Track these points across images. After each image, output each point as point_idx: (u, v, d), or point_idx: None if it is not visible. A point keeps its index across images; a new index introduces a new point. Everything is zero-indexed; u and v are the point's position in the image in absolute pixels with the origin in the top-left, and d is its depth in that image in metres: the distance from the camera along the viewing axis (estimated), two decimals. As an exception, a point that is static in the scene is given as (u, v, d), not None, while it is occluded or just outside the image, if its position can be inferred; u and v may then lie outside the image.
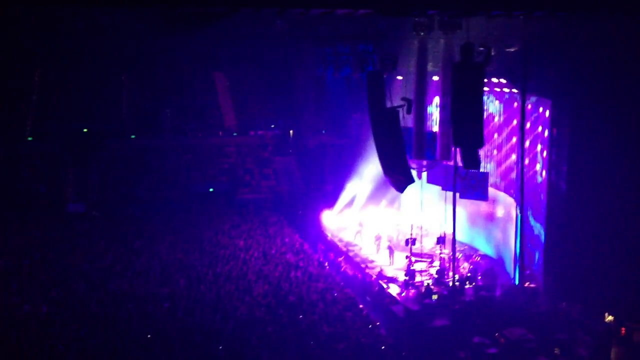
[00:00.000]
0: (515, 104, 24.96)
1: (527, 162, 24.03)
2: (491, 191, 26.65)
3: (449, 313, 21.91)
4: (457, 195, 25.02)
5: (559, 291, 22.25)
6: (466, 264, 26.26)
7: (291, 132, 40.16)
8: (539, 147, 23.76)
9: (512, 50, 23.14)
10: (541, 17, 19.43)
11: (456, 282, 23.66)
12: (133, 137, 37.79)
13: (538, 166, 23.80)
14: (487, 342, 19.87)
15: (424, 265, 26.05)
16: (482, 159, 22.23)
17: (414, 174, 22.38)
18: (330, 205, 32.82)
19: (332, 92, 37.69)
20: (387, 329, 21.03)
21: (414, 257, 26.23)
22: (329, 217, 32.11)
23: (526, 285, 23.39)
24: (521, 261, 23.65)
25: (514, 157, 25.40)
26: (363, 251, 28.81)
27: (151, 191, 35.06)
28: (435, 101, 27.82)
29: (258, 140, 39.15)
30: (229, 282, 23.06)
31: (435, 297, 22.76)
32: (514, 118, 25.26)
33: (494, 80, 25.10)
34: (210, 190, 35.63)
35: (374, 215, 31.69)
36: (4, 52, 34.91)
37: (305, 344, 18.63)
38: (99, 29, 33.84)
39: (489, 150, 27.03)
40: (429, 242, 28.04)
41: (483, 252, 27.76)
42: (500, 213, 26.77)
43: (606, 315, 20.26)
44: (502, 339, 19.88)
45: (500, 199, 26.71)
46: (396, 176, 21.25)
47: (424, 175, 27.42)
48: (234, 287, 22.65)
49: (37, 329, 19.26)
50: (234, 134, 39.21)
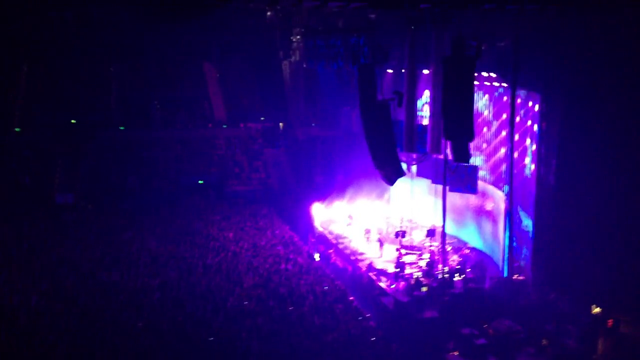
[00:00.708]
0: (505, 97, 25.09)
1: (516, 155, 24.18)
2: (481, 184, 26.82)
3: (438, 305, 22.06)
4: (447, 188, 25.16)
5: (547, 283, 22.46)
6: (455, 257, 26.44)
7: (281, 124, 40.12)
8: (528, 141, 23.91)
9: (502, 44, 23.24)
10: (532, 10, 19.53)
11: (445, 274, 23.82)
12: (122, 128, 37.61)
13: (527, 160, 23.97)
14: (476, 333, 20.05)
15: (413, 257, 26.19)
16: (472, 152, 22.36)
17: (404, 167, 22.45)
18: (320, 198, 32.87)
19: (322, 84, 37.71)
20: (377, 320, 21.13)
21: (403, 250, 26.37)
22: (319, 210, 32.17)
23: (515, 278, 23.58)
24: (510, 254, 23.84)
25: (503, 150, 25.55)
26: (353, 243, 28.90)
27: (141, 183, 34.92)
28: (426, 94, 27.90)
29: (248, 132, 39.08)
30: (219, 274, 23.08)
31: (424, 289, 22.89)
32: (503, 112, 25.40)
33: (485, 74, 25.21)
34: (200, 182, 35.57)
35: (363, 207, 31.79)
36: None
37: (295, 336, 18.70)
38: (88, 20, 33.62)
39: (478, 143, 27.17)
40: (418, 235, 28.18)
41: (472, 245, 27.95)
42: (490, 206, 26.95)
43: (593, 307, 20.49)
44: (490, 330, 20.07)
45: (490, 193, 26.88)
46: (386, 169, 21.31)
47: (414, 168, 27.53)
48: (224, 278, 22.68)
49: (26, 320, 19.19)
50: (224, 126, 39.11)
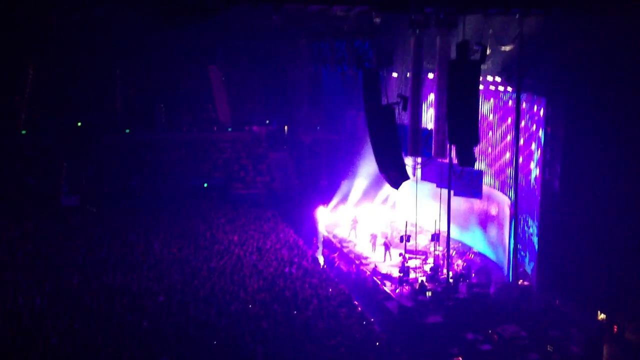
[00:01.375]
0: (510, 102, 25.04)
1: (521, 160, 24.12)
2: (485, 189, 26.75)
3: (442, 310, 22.00)
4: (452, 192, 25.08)
5: (552, 289, 22.38)
6: (460, 261, 26.37)
7: (286, 127, 40.15)
8: (533, 145, 23.85)
9: (507, 48, 23.21)
10: (537, 14, 19.50)
11: (450, 279, 23.75)
12: (127, 131, 37.69)
13: (532, 164, 23.90)
14: (480, 338, 19.99)
15: (418, 262, 26.12)
16: (476, 156, 22.32)
17: (409, 170, 22.43)
18: (325, 201, 32.85)
19: (327, 88, 37.73)
20: (381, 325, 21.09)
21: (408, 254, 26.31)
22: (323, 213, 32.14)
23: (520, 283, 23.49)
24: (515, 259, 23.76)
25: (508, 155, 25.48)
26: (357, 247, 28.87)
27: (145, 185, 34.99)
28: (430, 98, 27.87)
29: (253, 135, 39.12)
30: (223, 277, 23.07)
31: (429, 294, 22.84)
32: (508, 116, 25.34)
33: (490, 78, 25.17)
34: (205, 185, 35.59)
35: (368, 211, 31.75)
36: (-3, 45, 34.77)
37: (299, 340, 18.67)
38: (94, 22, 33.67)
39: (483, 148, 27.11)
40: (423, 239, 28.10)
41: (477, 250, 27.86)
42: (495, 211, 26.86)
43: (599, 313, 20.39)
44: (495, 336, 20.00)
45: (495, 197, 26.80)
46: (391, 172, 21.32)
47: (419, 172, 27.47)
48: (228, 282, 22.66)
49: (30, 321, 19.22)
50: (229, 129, 39.15)
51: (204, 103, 40.30)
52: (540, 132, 23.06)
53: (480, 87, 20.74)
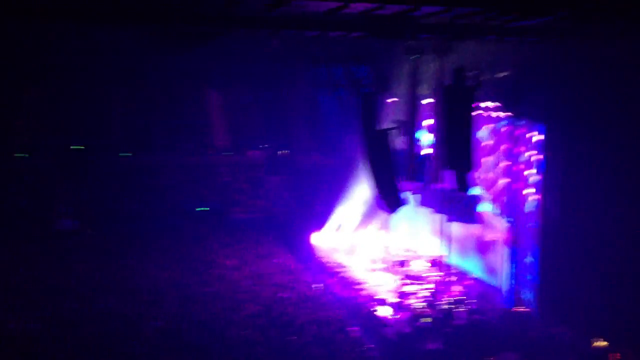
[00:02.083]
0: (507, 128, 25.07)
1: (520, 186, 24.07)
2: (484, 215, 26.63)
3: (441, 336, 21.75)
4: (450, 218, 24.99)
5: (552, 316, 22.17)
6: (459, 287, 26.15)
7: (280, 152, 40.06)
8: (531, 171, 23.82)
9: (503, 74, 23.32)
10: (533, 42, 19.63)
11: (448, 305, 23.54)
12: (124, 154, 37.67)
13: (531, 190, 23.85)
14: (479, 366, 19.74)
15: (416, 287, 25.91)
16: (474, 182, 22.27)
17: (406, 196, 22.37)
18: (322, 226, 32.71)
19: (324, 112, 37.78)
20: (379, 351, 20.84)
21: (406, 280, 26.12)
22: (320, 238, 32.00)
23: (519, 310, 23.30)
24: (515, 285, 23.58)
25: (506, 181, 25.44)
26: (355, 272, 28.66)
27: (142, 209, 34.88)
28: (427, 124, 27.90)
29: (250, 159, 39.11)
30: (219, 302, 22.88)
31: (427, 320, 22.61)
32: (507, 142, 25.35)
33: (487, 104, 25.24)
34: (202, 209, 35.48)
35: (365, 236, 31.61)
36: (-4, 67, 34.90)
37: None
38: (93, 46, 33.85)
39: (481, 173, 27.06)
40: (421, 265, 27.94)
41: (476, 275, 27.66)
42: (493, 236, 26.73)
43: (600, 340, 20.17)
44: (494, 364, 19.75)
45: (493, 223, 26.68)
46: (387, 198, 21.28)
47: (416, 198, 27.40)
48: (225, 307, 22.48)
49: (23, 346, 18.99)
50: (226, 153, 39.15)
51: (201, 127, 40.34)
52: (539, 157, 23.05)
53: (476, 112, 20.81)
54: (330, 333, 20.71)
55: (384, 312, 24.00)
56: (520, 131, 23.37)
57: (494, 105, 25.04)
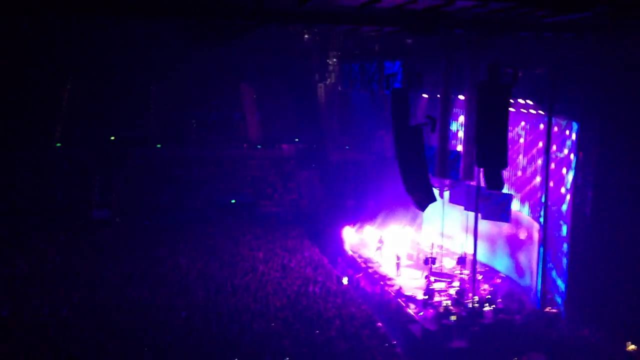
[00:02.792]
0: (541, 125, 24.71)
1: (551, 185, 23.73)
2: (514, 213, 26.33)
3: (467, 335, 21.60)
4: (479, 216, 24.77)
5: (581, 317, 21.81)
6: (486, 286, 25.92)
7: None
8: (564, 170, 23.45)
9: (539, 71, 22.95)
10: (570, 38, 19.27)
11: (475, 303, 23.35)
12: (159, 146, 38.27)
13: (563, 189, 23.48)
14: (506, 366, 19.56)
15: (443, 285, 25.77)
16: (506, 180, 22.00)
17: (436, 192, 22.21)
18: (352, 221, 32.73)
19: (357, 108, 37.78)
20: (404, 347, 20.80)
21: (433, 277, 26.00)
22: (349, 233, 32.02)
23: (547, 310, 22.98)
24: (543, 285, 23.26)
25: (538, 179, 25.09)
26: (382, 268, 28.63)
27: (174, 200, 35.41)
28: (460, 120, 27.67)
29: (282, 153, 39.32)
30: (247, 294, 23.10)
31: (453, 318, 22.46)
32: (539, 140, 24.99)
33: (521, 101, 24.91)
34: (233, 202, 35.82)
35: (394, 232, 31.52)
36: (38, 60, 35.78)
37: (320, 360, 18.55)
38: (130, 41, 34.48)
39: (513, 171, 26.76)
40: (449, 262, 27.76)
41: (504, 274, 27.39)
42: (523, 236, 26.41)
43: (628, 344, 19.80)
44: (521, 364, 19.55)
45: (524, 221, 26.38)
46: (418, 194, 21.13)
47: (446, 195, 27.21)
48: (252, 299, 22.68)
49: (55, 332, 19.48)
50: (258, 147, 39.45)
51: (234, 120, 40.74)
52: (572, 156, 22.67)
53: (510, 109, 20.52)
54: (356, 328, 20.73)
55: (411, 308, 23.95)
56: (553, 129, 23.00)
57: (527, 102, 24.70)
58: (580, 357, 19.70)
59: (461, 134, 26.79)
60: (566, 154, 23.27)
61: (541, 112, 24.29)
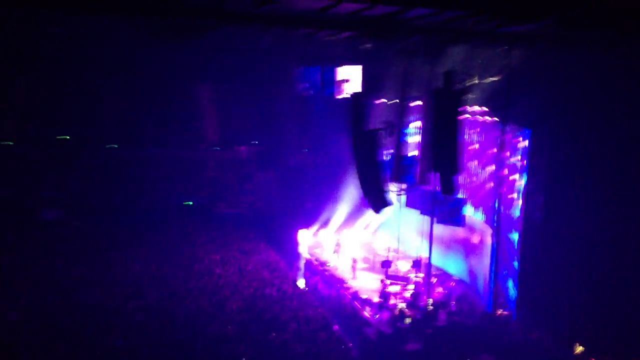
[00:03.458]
0: (495, 132, 25.25)
1: (504, 190, 24.26)
2: (468, 218, 26.81)
3: (421, 337, 21.88)
4: (435, 220, 25.14)
5: (531, 320, 22.35)
6: (440, 289, 26.31)
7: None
8: (516, 176, 24.01)
9: (494, 79, 23.47)
10: (522, 48, 19.77)
11: (430, 306, 23.68)
12: (114, 146, 37.54)
13: (515, 195, 24.03)
14: (458, 368, 19.88)
15: (398, 288, 26.04)
16: (460, 185, 22.39)
17: (392, 197, 22.45)
18: (308, 224, 32.78)
19: (314, 111, 37.85)
20: (360, 350, 20.95)
21: (388, 280, 26.24)
22: (306, 236, 32.06)
23: (499, 313, 23.47)
24: (495, 288, 23.76)
25: (491, 185, 25.62)
26: (338, 271, 28.76)
27: (129, 201, 34.77)
28: (416, 125, 28.03)
29: (239, 155, 39.08)
30: (202, 297, 22.87)
31: (408, 321, 22.73)
32: (493, 146, 25.53)
33: (476, 108, 25.41)
34: (189, 204, 35.43)
35: (350, 236, 31.71)
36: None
37: (275, 363, 18.51)
38: (83, 37, 33.67)
39: (467, 177, 27.24)
40: (404, 266, 28.08)
41: (458, 278, 27.85)
42: (477, 239, 26.92)
43: (576, 345, 20.38)
44: (472, 366, 19.90)
45: (477, 226, 26.88)
46: (373, 198, 21.31)
47: (402, 199, 27.54)
48: (207, 302, 22.47)
49: (3, 336, 18.90)
50: (216, 148, 39.11)
51: (191, 121, 40.27)
52: (524, 162, 23.23)
53: (466, 116, 20.93)
54: (312, 331, 20.76)
55: (367, 311, 24.12)
56: (506, 136, 23.53)
57: (482, 109, 25.22)
58: (530, 359, 20.18)
59: (418, 139, 27.14)
60: (519, 159, 23.84)
61: (496, 119, 24.85)
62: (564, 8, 13.55)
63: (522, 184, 23.32)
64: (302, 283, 26.78)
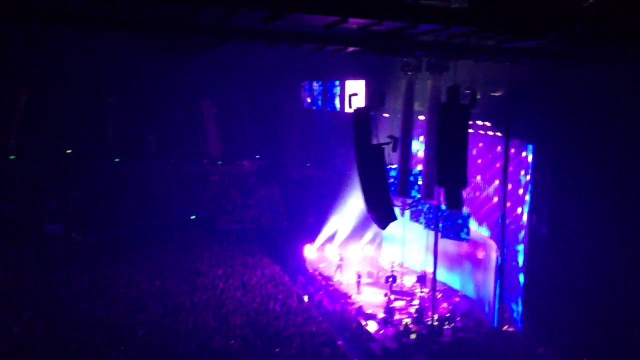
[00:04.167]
0: (498, 147, 25.27)
1: (509, 205, 24.23)
2: (473, 233, 26.76)
3: (426, 353, 21.75)
4: (439, 234, 25.09)
5: (537, 335, 22.22)
6: (445, 304, 26.19)
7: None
8: (520, 190, 23.99)
9: (497, 94, 23.53)
10: (525, 63, 19.82)
11: (435, 322, 23.55)
12: (117, 160, 37.61)
13: (519, 210, 24.00)
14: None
15: (403, 303, 25.93)
16: (465, 200, 22.34)
17: (397, 211, 22.42)
18: (312, 239, 32.70)
19: (319, 125, 37.92)
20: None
21: (393, 295, 26.13)
22: (310, 250, 31.97)
23: (505, 329, 23.34)
24: (500, 304, 23.65)
25: (496, 199, 25.60)
26: (343, 286, 28.65)
27: (132, 216, 34.76)
28: (420, 140, 28.05)
29: (242, 170, 39.11)
30: (206, 311, 22.78)
31: (413, 337, 22.60)
32: (497, 161, 25.54)
33: (479, 123, 25.44)
34: (192, 218, 35.40)
35: (355, 251, 31.63)
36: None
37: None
38: (88, 52, 33.84)
39: (472, 192, 27.22)
40: (409, 280, 27.97)
41: (463, 293, 27.73)
42: (481, 255, 26.85)
43: (584, 361, 20.27)
44: (478, 382, 19.76)
45: (482, 241, 26.82)
46: (378, 212, 21.27)
47: (407, 214, 27.49)
48: (211, 316, 22.37)
49: (5, 350, 18.80)
50: (219, 163, 39.16)
51: (194, 136, 40.37)
52: (528, 177, 23.23)
53: (470, 131, 20.91)
54: (316, 346, 20.62)
55: (371, 326, 23.99)
56: (511, 151, 23.56)
57: (487, 124, 25.25)
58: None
59: (422, 154, 27.14)
60: (523, 174, 23.84)
61: (499, 134, 24.88)
62: (569, 25, 13.58)
63: (526, 199, 23.30)
64: (306, 298, 26.66)
